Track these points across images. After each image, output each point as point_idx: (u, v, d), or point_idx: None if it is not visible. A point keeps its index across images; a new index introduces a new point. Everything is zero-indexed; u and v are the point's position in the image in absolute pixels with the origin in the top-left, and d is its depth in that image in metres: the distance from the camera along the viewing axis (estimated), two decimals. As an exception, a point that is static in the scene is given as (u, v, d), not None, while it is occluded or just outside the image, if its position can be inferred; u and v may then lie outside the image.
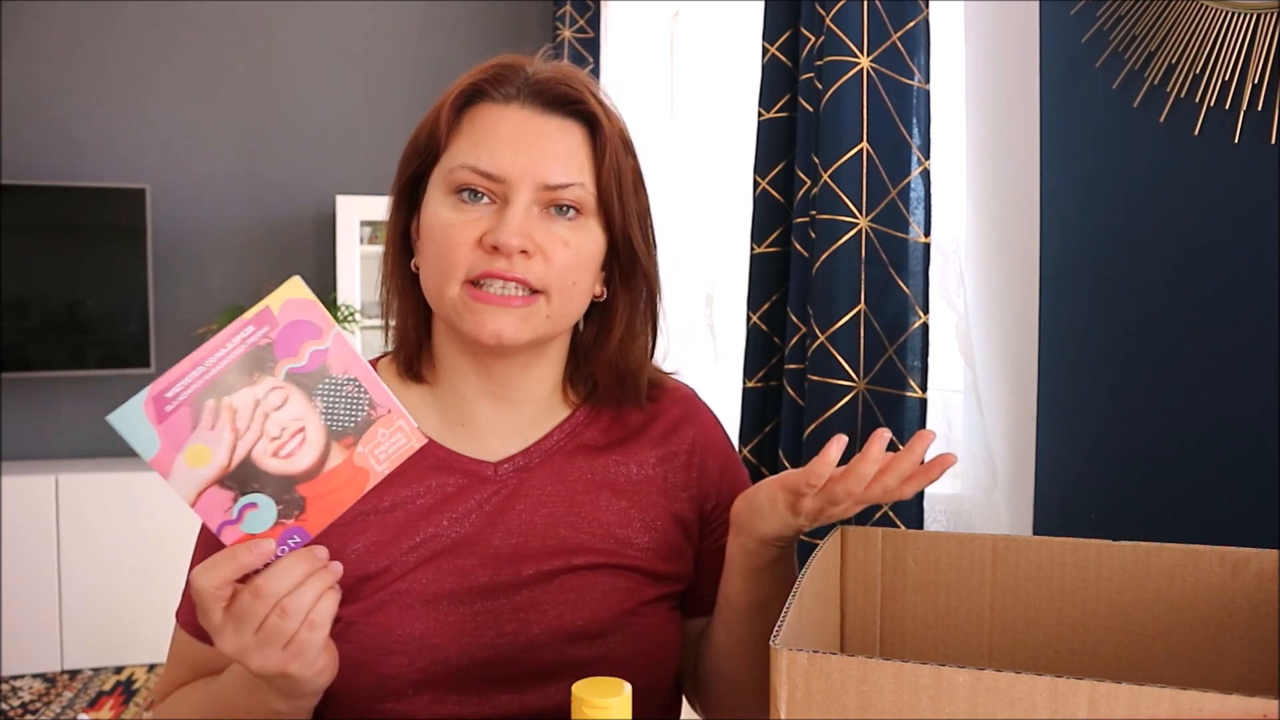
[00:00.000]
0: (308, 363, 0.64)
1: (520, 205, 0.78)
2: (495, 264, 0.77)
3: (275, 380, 0.63)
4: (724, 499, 0.91)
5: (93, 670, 2.92)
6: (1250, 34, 1.02)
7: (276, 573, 0.64)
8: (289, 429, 0.64)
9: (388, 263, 0.88)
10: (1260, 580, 0.70)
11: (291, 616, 0.64)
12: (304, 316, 0.64)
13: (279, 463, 0.64)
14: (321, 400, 0.64)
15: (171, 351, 3.26)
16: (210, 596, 0.64)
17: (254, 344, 0.63)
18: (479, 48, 3.50)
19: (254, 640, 0.64)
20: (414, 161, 0.85)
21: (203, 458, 0.63)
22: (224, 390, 0.62)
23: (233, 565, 0.64)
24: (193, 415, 0.62)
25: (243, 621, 0.64)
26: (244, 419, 0.63)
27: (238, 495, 0.64)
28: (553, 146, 0.80)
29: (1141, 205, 1.17)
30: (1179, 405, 1.12)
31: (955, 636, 0.79)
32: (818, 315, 1.41)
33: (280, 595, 0.64)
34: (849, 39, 1.39)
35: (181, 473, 0.63)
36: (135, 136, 3.28)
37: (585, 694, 0.58)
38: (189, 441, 0.62)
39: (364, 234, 3.36)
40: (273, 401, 0.63)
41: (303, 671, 0.66)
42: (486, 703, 0.81)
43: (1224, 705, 0.46)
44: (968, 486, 1.47)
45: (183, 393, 0.62)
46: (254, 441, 0.63)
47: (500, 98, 0.82)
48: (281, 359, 0.64)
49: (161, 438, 0.62)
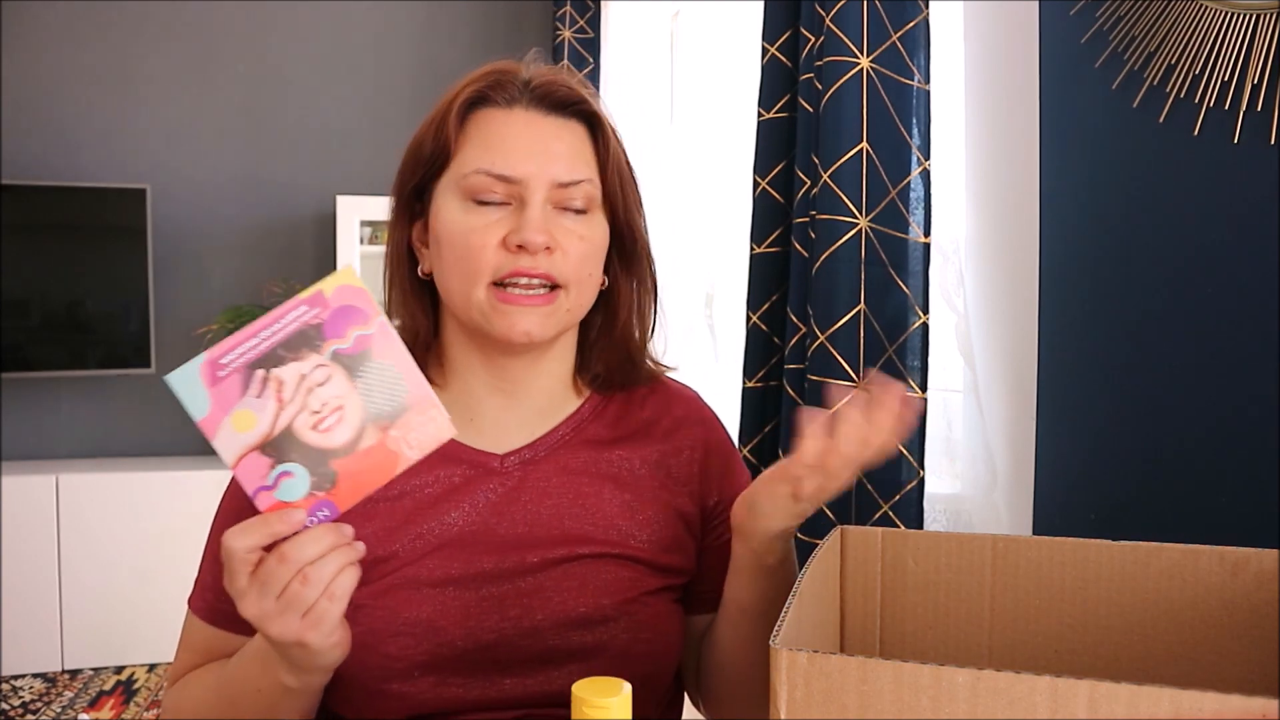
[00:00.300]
0: (352, 345, 0.67)
1: (537, 204, 0.81)
2: (520, 262, 0.80)
3: (321, 359, 0.67)
4: (725, 497, 0.92)
5: (93, 670, 2.92)
6: (1250, 34, 1.02)
7: (303, 541, 0.66)
8: (329, 405, 0.67)
9: (392, 269, 0.90)
10: (1260, 580, 0.70)
11: (312, 585, 0.65)
12: (354, 303, 0.68)
13: (317, 436, 0.67)
14: (362, 382, 0.68)
15: (171, 351, 3.26)
16: (239, 559, 0.66)
17: (305, 323, 0.67)
18: (479, 48, 3.50)
19: (275, 606, 0.66)
20: (419, 171, 0.87)
21: (248, 423, 0.66)
22: (273, 362, 0.66)
23: (265, 531, 0.66)
24: (243, 382, 0.66)
25: (266, 586, 0.65)
26: (289, 391, 0.66)
27: (275, 462, 0.67)
28: (559, 146, 0.83)
29: (1141, 205, 1.17)
30: (1179, 405, 1.12)
31: (955, 636, 0.79)
32: (818, 315, 1.41)
33: (304, 563, 0.65)
34: (849, 39, 1.39)
35: (227, 435, 0.66)
36: (135, 136, 3.28)
37: (585, 694, 0.58)
38: (237, 406, 0.66)
39: (364, 234, 3.36)
40: (317, 378, 0.67)
41: (319, 642, 0.67)
42: (491, 686, 0.83)
43: (1224, 705, 0.46)
44: (968, 486, 1.47)
45: (236, 360, 0.66)
46: (296, 413, 0.67)
47: (503, 102, 0.84)
48: (329, 339, 0.67)
49: (212, 400, 0.66)
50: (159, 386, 3.46)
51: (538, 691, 0.83)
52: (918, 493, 1.37)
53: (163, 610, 2.91)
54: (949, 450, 1.58)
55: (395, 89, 3.45)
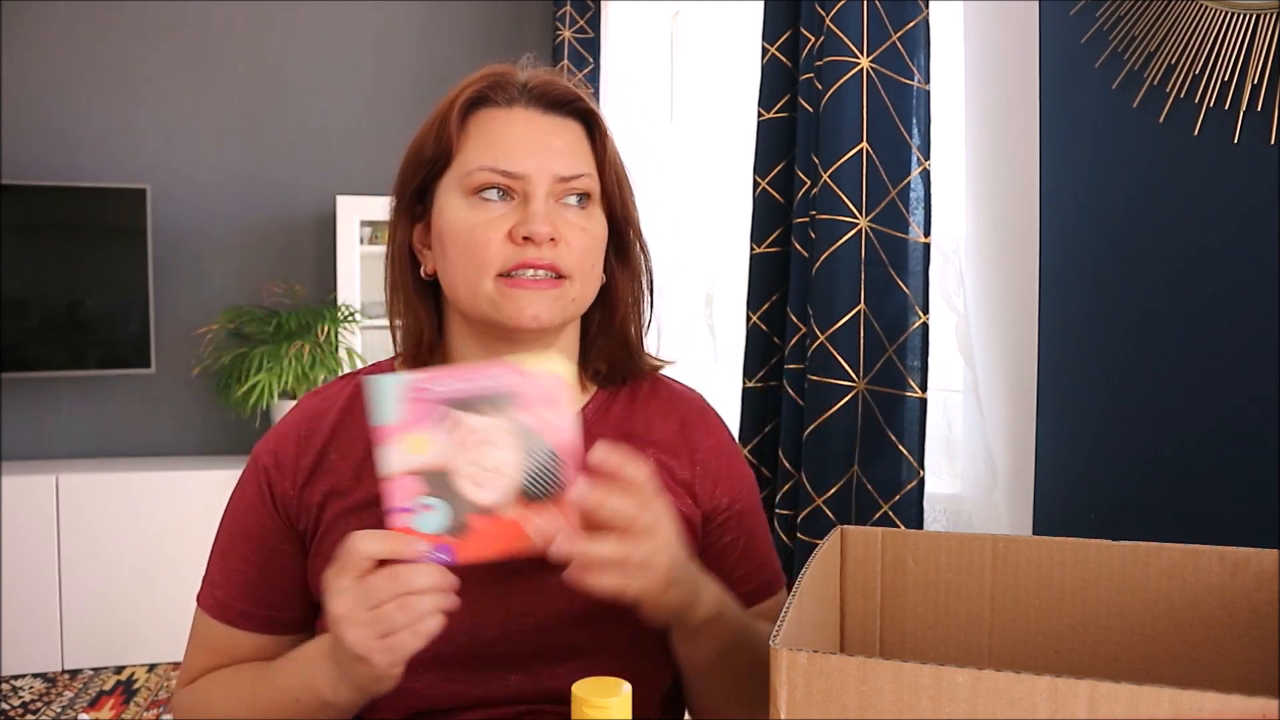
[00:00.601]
0: (537, 425, 0.71)
1: (541, 198, 0.83)
2: (527, 254, 0.82)
3: (505, 423, 0.71)
4: (727, 498, 0.93)
5: (93, 670, 2.92)
6: (1250, 34, 1.02)
7: (417, 570, 0.68)
8: (493, 466, 0.70)
9: (395, 271, 0.91)
10: (1260, 580, 0.70)
11: (406, 613, 0.67)
12: (553, 389, 0.71)
13: (470, 487, 0.70)
14: (529, 460, 0.71)
15: (171, 351, 3.26)
16: (357, 560, 0.68)
17: (507, 387, 0.71)
18: (479, 48, 3.50)
19: (364, 615, 0.67)
20: (420, 172, 0.88)
21: (420, 448, 0.69)
22: (464, 407, 0.70)
23: (391, 546, 0.68)
24: (432, 412, 0.69)
25: (368, 594, 0.67)
26: (466, 437, 0.70)
27: (425, 492, 0.70)
28: (558, 142, 0.86)
29: (1141, 205, 1.17)
30: (1179, 405, 1.12)
31: (955, 636, 0.79)
32: (818, 315, 1.41)
33: (409, 591, 0.67)
34: (849, 39, 1.39)
35: (397, 449, 0.69)
36: (135, 136, 3.28)
37: (585, 694, 0.58)
38: (418, 430, 0.69)
39: (364, 234, 3.36)
40: (494, 438, 0.70)
41: (383, 668, 0.69)
42: (494, 682, 0.83)
43: (1224, 705, 0.46)
44: (968, 486, 1.47)
45: (436, 392, 0.70)
46: (463, 460, 0.70)
47: (503, 102, 0.86)
48: (519, 410, 0.71)
49: (401, 414, 0.69)
50: (159, 386, 3.46)
51: (540, 688, 0.84)
52: (918, 493, 1.37)
53: (163, 610, 2.92)
54: (949, 450, 1.58)
55: (395, 89, 3.45)
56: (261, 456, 0.88)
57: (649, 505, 0.72)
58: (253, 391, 2.99)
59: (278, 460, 0.87)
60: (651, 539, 0.71)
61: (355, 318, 3.23)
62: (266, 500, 0.86)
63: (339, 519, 0.85)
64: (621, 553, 0.70)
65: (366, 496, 0.85)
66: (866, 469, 1.40)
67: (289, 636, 0.88)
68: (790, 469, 1.52)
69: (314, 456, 0.86)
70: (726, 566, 0.93)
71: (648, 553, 0.71)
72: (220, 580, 0.88)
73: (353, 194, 3.32)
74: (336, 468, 0.86)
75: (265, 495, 0.86)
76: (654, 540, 0.72)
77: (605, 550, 0.70)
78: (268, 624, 0.87)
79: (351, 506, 0.85)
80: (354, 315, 3.22)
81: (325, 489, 0.86)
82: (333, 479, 0.86)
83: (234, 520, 0.89)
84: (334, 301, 3.26)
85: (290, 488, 0.86)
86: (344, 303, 3.23)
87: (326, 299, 3.33)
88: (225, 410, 3.24)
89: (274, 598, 0.87)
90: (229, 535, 0.89)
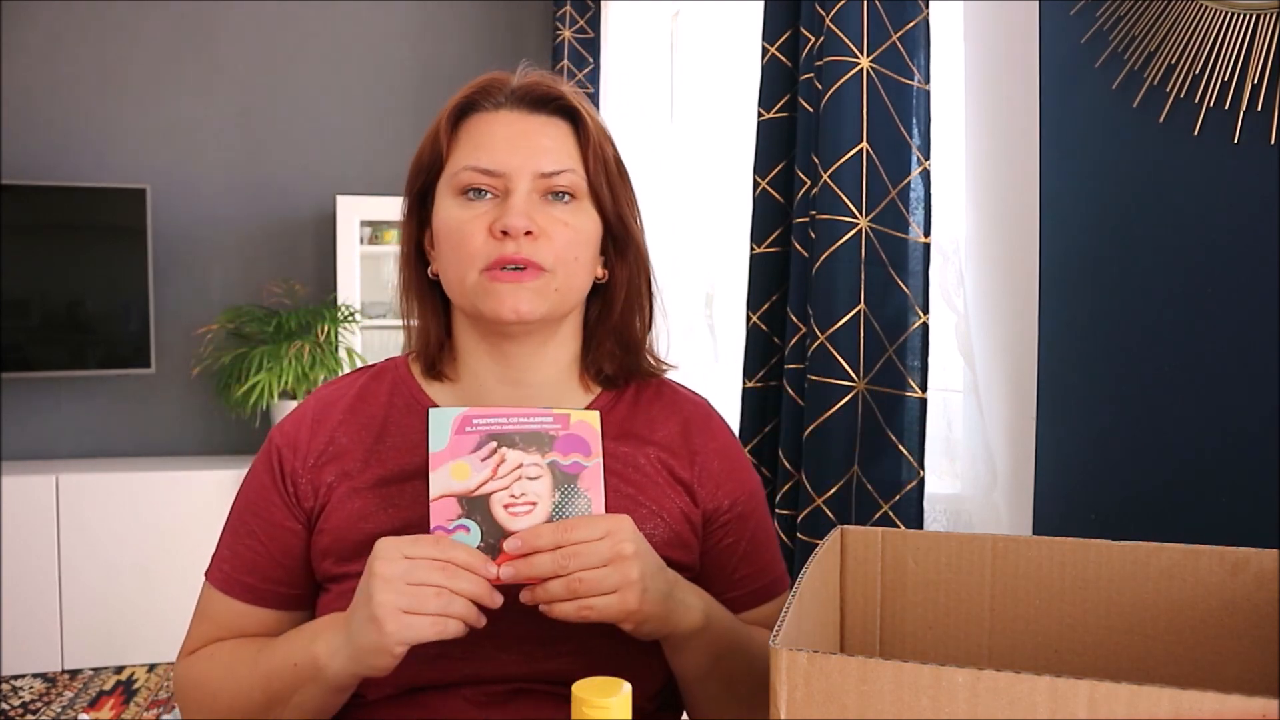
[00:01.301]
0: (570, 466, 0.79)
1: (521, 193, 0.87)
2: (505, 248, 0.85)
3: (542, 460, 0.78)
4: (727, 501, 0.94)
5: (93, 670, 2.92)
6: (1250, 34, 1.02)
7: (469, 570, 0.74)
8: (527, 497, 0.78)
9: (405, 272, 0.96)
10: (1260, 580, 0.70)
11: (439, 603, 0.72)
12: (586, 437, 0.80)
13: (503, 513, 0.77)
14: (560, 495, 0.78)
15: (171, 351, 3.26)
16: (424, 547, 0.73)
17: (545, 429, 0.79)
18: (479, 48, 3.50)
19: (402, 585, 0.72)
20: (420, 177, 0.93)
21: (462, 474, 0.77)
22: (507, 443, 0.78)
23: (448, 550, 0.74)
24: (477, 443, 0.78)
25: (414, 570, 0.72)
26: (505, 469, 0.78)
27: (462, 515, 0.77)
28: (543, 140, 0.89)
29: (1141, 205, 1.17)
30: (1179, 405, 1.12)
31: (955, 636, 0.79)
32: (818, 315, 1.41)
33: (453, 586, 0.72)
34: (849, 39, 1.39)
35: (443, 475, 0.77)
36: (135, 136, 3.28)
37: (585, 694, 0.58)
38: (463, 457, 0.77)
39: (364, 234, 3.36)
40: (531, 472, 0.78)
41: (390, 639, 0.72)
42: (487, 661, 0.85)
43: (1224, 705, 0.46)
44: (968, 486, 1.47)
45: (483, 425, 0.78)
46: (499, 489, 0.77)
47: (490, 106, 0.91)
48: (556, 451, 0.79)
49: (450, 443, 0.77)
50: (159, 386, 3.46)
51: (533, 669, 0.85)
52: (918, 493, 1.37)
53: (163, 610, 2.91)
54: (949, 450, 1.58)
55: (395, 89, 3.45)
56: (276, 437, 0.93)
57: (610, 533, 0.76)
58: (253, 391, 2.99)
59: (291, 441, 0.91)
60: (616, 565, 0.75)
61: (355, 318, 3.23)
62: (277, 479, 0.90)
63: (345, 499, 0.88)
64: (562, 577, 0.74)
65: (373, 479, 0.88)
66: (866, 469, 1.40)
67: (291, 613, 0.92)
68: (790, 469, 1.52)
69: (325, 440, 0.91)
70: (728, 568, 0.94)
71: (592, 588, 0.74)
72: (228, 555, 0.92)
73: (353, 194, 3.32)
74: (345, 451, 0.90)
75: (276, 474, 0.90)
76: (617, 567, 0.75)
77: (547, 579, 0.75)
78: (272, 598, 0.91)
79: (357, 488, 0.88)
80: (354, 315, 3.22)
81: (334, 471, 0.89)
82: (341, 462, 0.89)
83: (245, 499, 0.93)
84: (334, 301, 3.26)
85: (301, 468, 0.90)
86: (344, 303, 3.23)
87: (326, 299, 3.33)
88: (225, 410, 3.24)
89: (279, 574, 0.90)
90: (240, 513, 0.93)
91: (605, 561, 0.75)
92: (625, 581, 0.75)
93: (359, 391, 0.94)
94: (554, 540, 0.75)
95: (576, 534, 0.75)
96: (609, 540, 0.75)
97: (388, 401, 0.93)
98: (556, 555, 0.74)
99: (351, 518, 0.87)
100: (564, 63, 2.89)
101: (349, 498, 0.88)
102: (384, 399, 0.93)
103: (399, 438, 0.90)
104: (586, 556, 0.75)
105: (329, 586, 0.89)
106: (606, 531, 0.76)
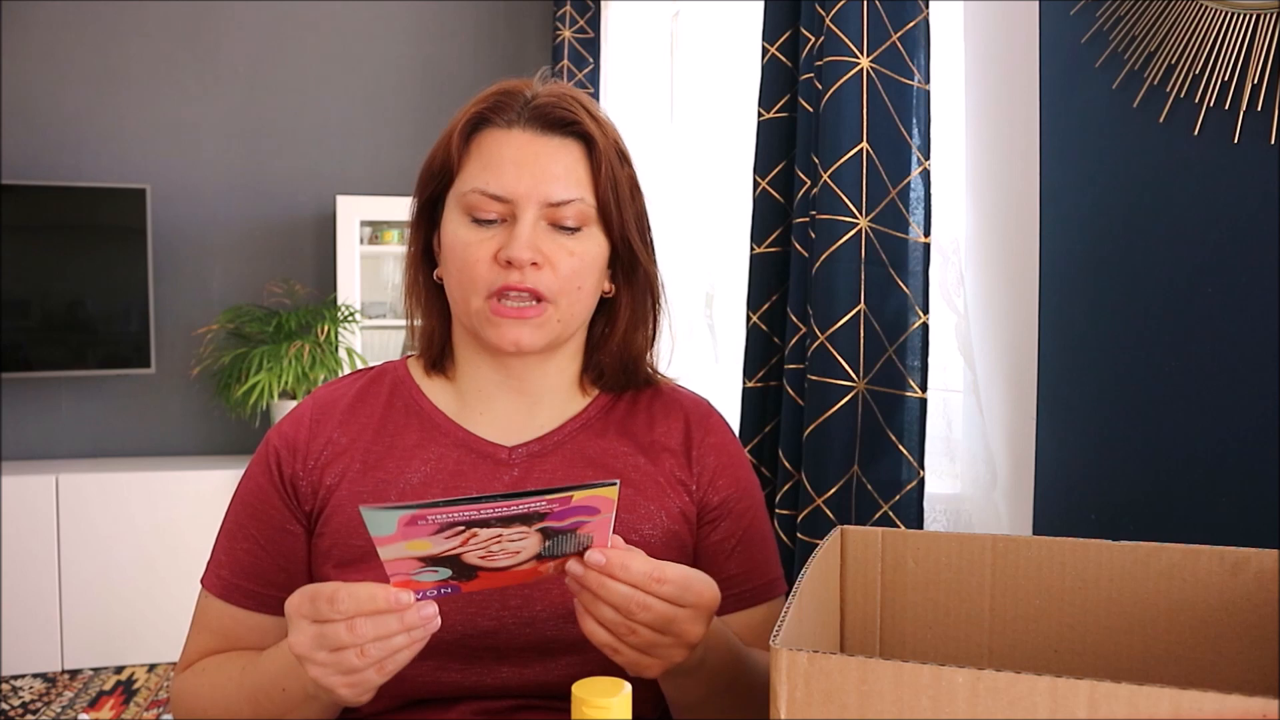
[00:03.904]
0: (566, 526, 0.67)
1: (528, 222, 0.85)
2: (510, 277, 0.85)
3: (528, 529, 0.66)
4: (718, 498, 0.94)
5: (93, 670, 2.92)
6: (1250, 34, 1.02)
7: (376, 622, 0.66)
8: (507, 550, 0.67)
9: (411, 273, 0.95)
10: (1260, 580, 0.70)
11: (367, 659, 0.66)
12: (596, 505, 0.66)
13: (478, 560, 0.67)
14: (551, 543, 0.68)
15: (171, 351, 3.26)
16: (321, 605, 0.66)
17: (533, 509, 0.64)
18: (479, 48, 3.50)
19: (323, 656, 0.67)
20: (430, 185, 0.92)
21: (419, 549, 0.64)
22: (479, 524, 0.63)
23: (369, 600, 0.65)
24: (438, 528, 0.63)
25: (324, 638, 0.66)
26: (477, 542, 0.65)
27: (424, 566, 0.66)
28: (554, 166, 0.87)
29: (1141, 205, 1.17)
30: (1179, 405, 1.12)
31: (955, 636, 0.79)
32: (818, 315, 1.41)
33: (368, 640, 0.66)
34: (849, 39, 1.39)
35: (394, 549, 0.64)
36: (135, 136, 3.28)
37: (585, 694, 0.58)
38: (419, 538, 0.63)
39: (364, 234, 3.36)
40: (513, 537, 0.66)
41: (352, 699, 0.70)
42: (488, 673, 0.85)
43: (1224, 705, 0.46)
44: (968, 486, 1.47)
45: (443, 519, 0.62)
46: (471, 551, 0.66)
47: (503, 123, 0.89)
48: (548, 521, 0.66)
49: (397, 531, 0.62)
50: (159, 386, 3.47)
51: (534, 681, 0.85)
52: (918, 493, 1.37)
53: (163, 610, 2.92)
54: (949, 450, 1.58)
55: (395, 89, 3.45)
56: (273, 439, 0.91)
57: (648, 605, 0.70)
58: (253, 391, 2.99)
59: (289, 444, 0.90)
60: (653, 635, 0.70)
61: (355, 318, 3.23)
62: (276, 482, 0.89)
63: (345, 502, 0.87)
64: (612, 638, 0.71)
65: (373, 482, 0.88)
66: (866, 469, 1.40)
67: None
68: (790, 469, 1.52)
69: (324, 442, 0.90)
70: (716, 564, 0.93)
71: (638, 644, 0.71)
72: (226, 560, 0.90)
73: (353, 194, 3.32)
74: (345, 453, 0.89)
75: (275, 477, 0.89)
76: (674, 645, 0.71)
77: (602, 629, 0.71)
78: (272, 604, 0.89)
79: (357, 491, 0.88)
80: (354, 315, 3.22)
81: (334, 473, 0.88)
82: (341, 464, 0.89)
83: (243, 503, 0.91)
84: (334, 301, 3.26)
85: (300, 470, 0.89)
86: (344, 303, 3.23)
87: (326, 299, 3.33)
88: (225, 410, 3.24)
89: (280, 578, 0.89)
90: (236, 517, 0.91)
91: (666, 629, 0.70)
92: (668, 659, 0.72)
93: (358, 393, 0.94)
94: (642, 577, 0.69)
95: (664, 589, 0.69)
96: (687, 615, 0.71)
97: (387, 403, 0.93)
98: (632, 595, 0.68)
99: (352, 521, 0.86)
100: (564, 63, 2.89)
101: (349, 500, 0.87)
102: (383, 401, 0.93)
103: (398, 440, 0.90)
104: (656, 615, 0.69)
105: None
106: (693, 604, 0.71)
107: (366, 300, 3.34)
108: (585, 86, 2.88)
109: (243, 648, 0.90)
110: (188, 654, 0.91)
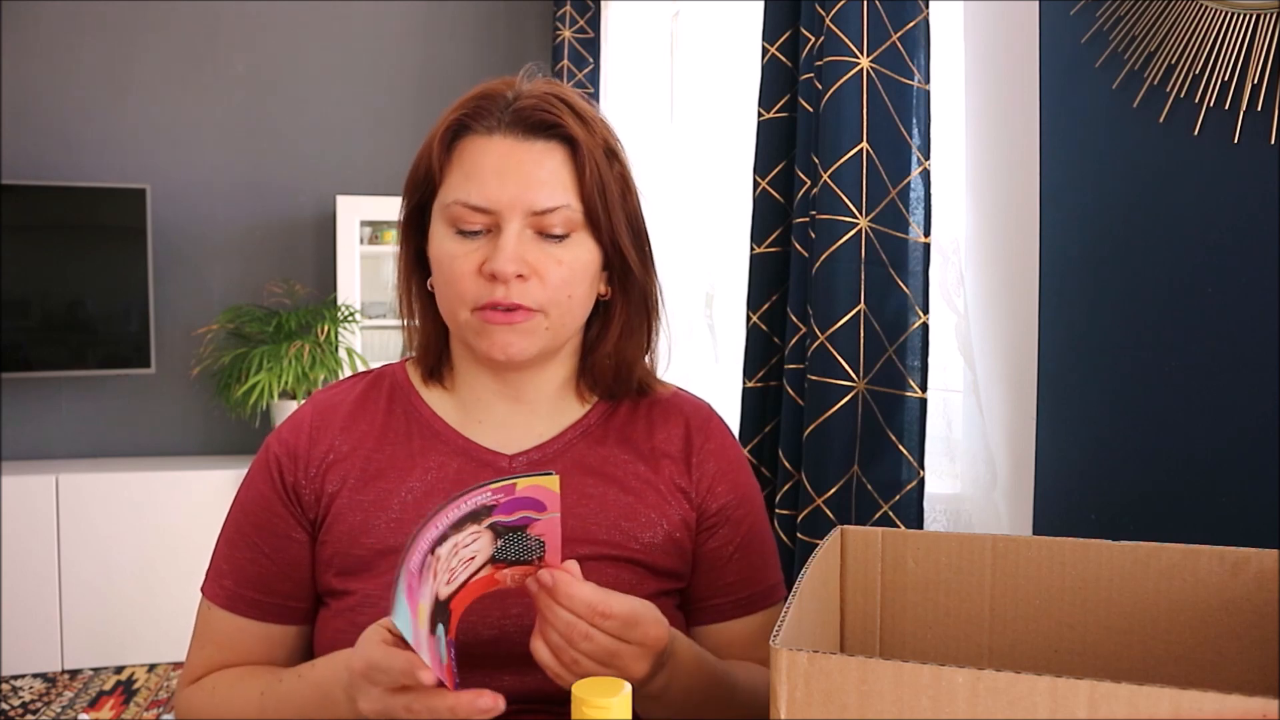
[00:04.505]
0: (515, 521, 0.68)
1: (512, 233, 0.83)
2: (495, 292, 0.83)
3: (478, 528, 0.68)
4: (716, 504, 0.93)
5: (93, 670, 2.92)
6: (1250, 34, 1.02)
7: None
8: (462, 558, 0.68)
9: (404, 279, 0.93)
10: (1260, 580, 0.70)
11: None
12: (541, 499, 0.68)
13: (446, 589, 0.68)
14: (503, 541, 0.69)
15: (171, 351, 3.26)
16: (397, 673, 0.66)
17: (481, 504, 0.66)
18: (479, 48, 3.50)
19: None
20: (415, 194, 0.90)
21: (423, 615, 0.65)
22: (438, 542, 0.65)
23: (409, 672, 0.66)
24: (418, 573, 0.64)
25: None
26: (441, 564, 0.66)
27: (432, 633, 0.67)
28: (538, 172, 0.84)
29: (1141, 205, 1.17)
30: (1179, 405, 1.12)
31: (955, 636, 0.79)
32: (818, 315, 1.41)
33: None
34: (849, 39, 1.39)
35: (419, 632, 0.65)
36: (135, 136, 3.28)
37: (585, 694, 0.58)
38: (419, 601, 0.64)
39: (364, 234, 3.36)
40: (465, 541, 0.67)
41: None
42: (489, 681, 0.83)
43: (1224, 705, 0.46)
44: (968, 486, 1.47)
45: (416, 559, 0.63)
46: (438, 580, 0.67)
47: (484, 130, 0.85)
48: (496, 516, 0.68)
49: (410, 609, 0.63)
50: (159, 386, 3.46)
51: (535, 689, 0.84)
52: (918, 493, 1.37)
53: (163, 610, 2.92)
54: (949, 450, 1.58)
55: (395, 89, 3.45)
56: (273, 446, 0.90)
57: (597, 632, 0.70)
58: (253, 391, 2.99)
59: (290, 451, 0.89)
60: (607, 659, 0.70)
61: (355, 318, 3.23)
62: (278, 489, 0.88)
63: (345, 511, 0.86)
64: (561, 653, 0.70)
65: (374, 490, 0.87)
66: (866, 469, 1.40)
67: (295, 626, 0.90)
68: (790, 469, 1.52)
69: (325, 448, 0.89)
70: (715, 570, 0.93)
71: (579, 673, 0.70)
72: (228, 570, 0.89)
73: (353, 194, 3.32)
74: (346, 460, 0.88)
75: (276, 484, 0.88)
76: (617, 674, 0.70)
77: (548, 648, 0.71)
78: (277, 613, 0.88)
79: (358, 499, 0.87)
80: (354, 315, 3.22)
81: (335, 479, 0.88)
82: (342, 471, 0.88)
83: (243, 511, 0.90)
84: (334, 301, 3.26)
85: (302, 478, 0.88)
86: (344, 303, 3.23)
87: (326, 299, 3.33)
88: (225, 410, 3.24)
89: (284, 586, 0.88)
90: (237, 526, 0.90)
91: (609, 663, 0.70)
92: (610, 680, 0.72)
93: (358, 399, 0.92)
94: (585, 608, 0.69)
95: (608, 624, 0.69)
96: (631, 652, 0.71)
97: (387, 410, 0.92)
98: (574, 623, 0.69)
99: (353, 530, 0.86)
100: (564, 63, 2.89)
101: (350, 509, 0.86)
102: (383, 407, 0.92)
103: (398, 447, 0.89)
104: (598, 648, 0.69)
105: (328, 602, 0.88)
106: (638, 641, 0.71)
107: (366, 300, 3.34)
108: (585, 86, 2.88)
109: (248, 659, 0.89)
110: (192, 668, 0.90)
